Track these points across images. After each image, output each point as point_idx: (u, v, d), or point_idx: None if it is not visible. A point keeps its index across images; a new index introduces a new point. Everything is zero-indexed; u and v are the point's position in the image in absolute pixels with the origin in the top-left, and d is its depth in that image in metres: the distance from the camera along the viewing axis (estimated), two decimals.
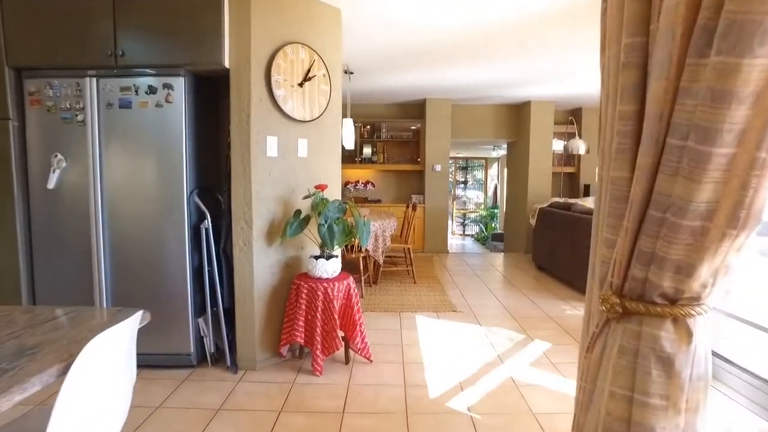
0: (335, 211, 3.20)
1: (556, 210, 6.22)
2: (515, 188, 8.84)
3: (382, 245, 5.37)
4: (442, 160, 8.06)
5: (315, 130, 3.46)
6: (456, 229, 16.88)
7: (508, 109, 8.56)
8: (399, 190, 8.78)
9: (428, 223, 8.12)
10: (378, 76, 6.22)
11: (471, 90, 7.16)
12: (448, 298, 5.18)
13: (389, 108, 8.59)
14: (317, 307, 3.12)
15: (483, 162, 16.95)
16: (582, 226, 5.22)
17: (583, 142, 7.27)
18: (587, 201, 7.65)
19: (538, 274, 6.47)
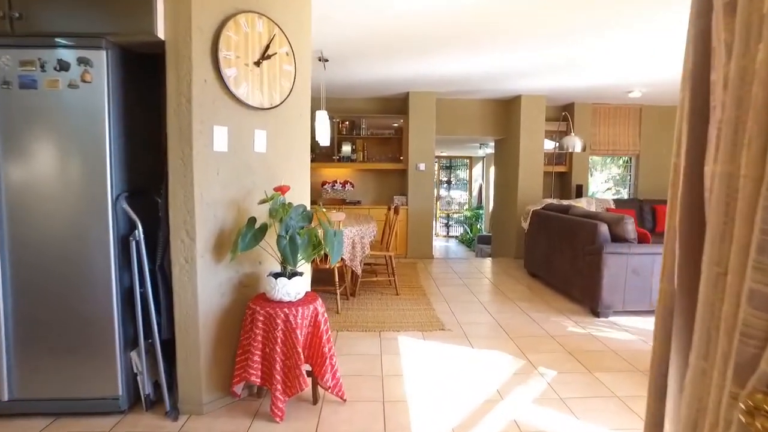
0: (299, 218, 2.60)
1: (551, 213, 5.70)
2: (504, 188, 8.32)
3: (360, 254, 4.78)
4: (426, 158, 7.50)
5: (276, 119, 2.86)
6: (440, 231, 16.37)
7: (497, 104, 8.04)
8: (380, 191, 8.19)
9: (412, 226, 7.55)
10: (356, 64, 5.62)
11: (457, 82, 6.61)
12: (435, 313, 4.60)
13: (370, 102, 8.00)
14: (276, 339, 2.52)
15: (467, 161, 16.46)
16: (585, 233, 4.70)
17: (579, 138, 6.77)
18: (581, 202, 7.16)
19: (531, 282, 5.94)
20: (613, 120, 8.22)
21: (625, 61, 5.30)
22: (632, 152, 8.35)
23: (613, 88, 6.73)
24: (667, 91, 6.92)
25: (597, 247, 4.42)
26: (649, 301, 4.45)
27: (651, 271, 4.40)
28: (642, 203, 7.55)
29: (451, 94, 7.53)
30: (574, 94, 7.35)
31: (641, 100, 7.64)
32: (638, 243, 4.51)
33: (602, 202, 7.42)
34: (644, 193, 8.39)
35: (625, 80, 6.21)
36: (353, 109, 7.96)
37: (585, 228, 4.69)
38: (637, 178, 8.45)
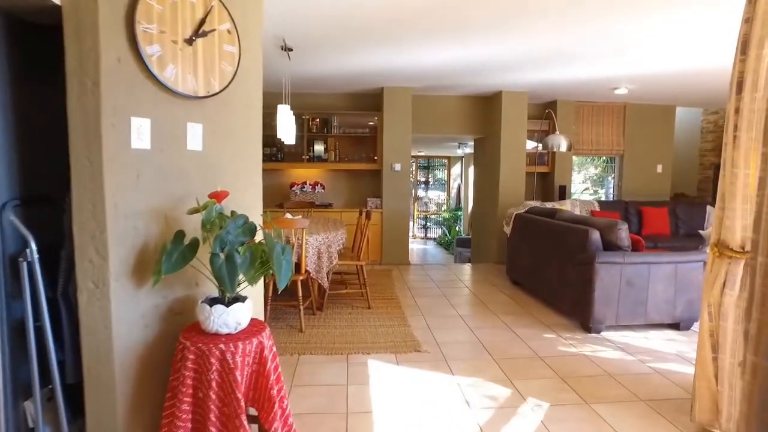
0: (238, 232, 2.10)
1: (536, 217, 5.29)
2: (484, 190, 7.92)
3: (327, 264, 4.29)
4: (402, 158, 7.04)
5: (217, 111, 2.36)
6: (417, 232, 15.95)
7: (477, 101, 7.62)
8: (353, 193, 7.71)
9: (387, 230, 7.09)
10: (325, 55, 5.13)
11: (434, 76, 6.17)
12: (410, 330, 4.14)
13: (342, 98, 7.51)
14: (210, 381, 2.02)
15: (446, 161, 16.08)
16: (574, 240, 4.29)
17: (564, 137, 6.39)
18: (565, 204, 6.79)
19: (515, 291, 5.53)
20: (597, 119, 7.89)
21: (613, 54, 4.92)
22: (616, 152, 8.03)
23: (599, 84, 6.37)
24: (654, 89, 6.60)
25: (588, 256, 4.01)
26: (643, 315, 4.07)
27: (646, 281, 4.02)
28: (627, 205, 7.22)
29: (428, 89, 7.09)
30: (557, 91, 6.98)
31: (626, 97, 7.32)
32: (632, 251, 4.13)
33: (586, 204, 7.06)
34: (628, 194, 8.08)
35: (612, 75, 5.85)
36: (324, 106, 7.46)
37: (575, 235, 4.28)
38: (621, 178, 8.13)
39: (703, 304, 2.41)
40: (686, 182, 9.42)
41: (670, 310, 4.09)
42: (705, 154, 9.43)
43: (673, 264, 4.05)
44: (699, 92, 6.87)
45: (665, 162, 8.15)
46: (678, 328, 4.17)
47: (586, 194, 12.08)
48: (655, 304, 4.06)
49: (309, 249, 4.15)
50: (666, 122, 8.10)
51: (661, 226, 7.04)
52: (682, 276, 4.07)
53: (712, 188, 9.25)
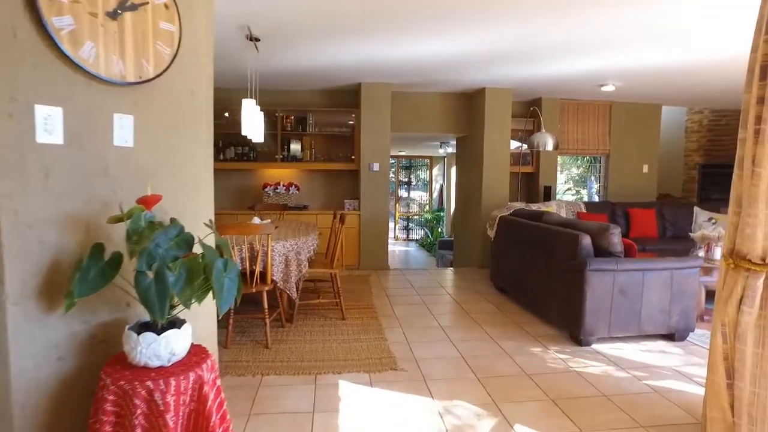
0: (170, 244, 1.74)
1: (522, 220, 4.99)
2: (467, 190, 7.62)
3: (295, 273, 3.93)
4: (380, 157, 6.70)
5: (152, 99, 1.99)
6: (399, 234, 15.64)
7: (459, 98, 7.32)
8: (330, 195, 7.34)
9: (365, 234, 6.74)
10: (296, 47, 4.76)
11: (414, 72, 5.84)
12: (387, 344, 3.80)
13: (318, 95, 7.14)
14: (134, 429, 1.66)
15: (428, 161, 15.79)
16: (563, 245, 3.99)
17: (550, 135, 6.11)
18: (550, 206, 6.52)
19: (500, 298, 5.22)
20: (582, 117, 7.64)
21: (602, 47, 4.65)
22: (602, 151, 7.79)
23: (586, 80, 6.11)
24: (641, 86, 6.36)
25: (578, 263, 3.72)
26: (637, 326, 3.78)
27: (640, 289, 3.74)
28: (614, 206, 6.98)
29: (407, 86, 6.76)
30: (542, 88, 6.71)
31: (613, 95, 7.08)
32: (624, 257, 3.85)
33: (572, 205, 6.81)
34: (614, 194, 7.85)
35: (600, 70, 5.58)
36: (300, 103, 7.08)
37: (564, 240, 3.99)
38: (607, 179, 7.90)
39: (715, 323, 2.11)
40: (671, 183, 9.25)
41: (665, 320, 3.82)
42: (689, 154, 9.27)
43: (669, 270, 3.78)
44: (685, 91, 6.66)
45: (651, 162, 7.94)
46: (673, 339, 3.90)
47: (569, 195, 11.89)
48: (650, 314, 3.78)
49: (275, 257, 3.78)
50: (652, 122, 7.89)
51: (649, 228, 6.81)
52: (677, 283, 3.80)
53: (697, 188, 9.10)
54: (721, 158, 8.84)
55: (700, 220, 7.02)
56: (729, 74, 5.61)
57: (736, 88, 6.50)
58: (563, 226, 4.23)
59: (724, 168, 9.13)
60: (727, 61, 5.00)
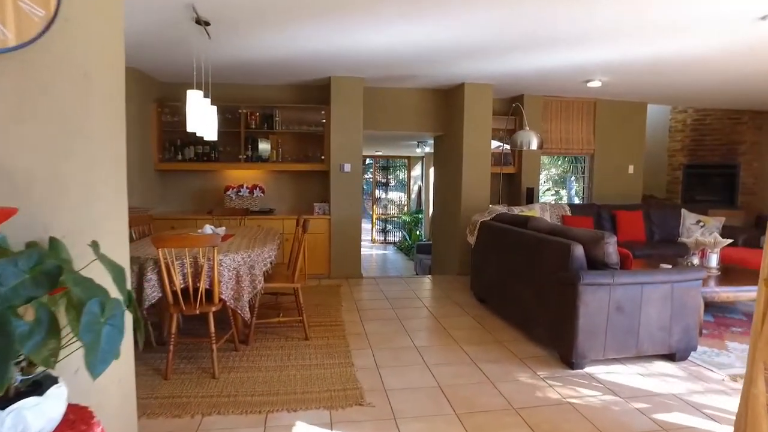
0: (23, 279, 1.23)
1: (505, 226, 4.55)
2: (445, 192, 7.18)
3: (249, 290, 3.42)
4: (352, 157, 6.21)
5: (18, 78, 1.48)
6: (377, 236, 15.17)
7: (437, 95, 6.87)
8: (299, 197, 6.83)
9: (336, 240, 6.24)
10: (256, 33, 4.25)
11: (387, 64, 5.37)
12: (353, 371, 3.32)
13: (285, 91, 6.63)
14: None
15: (406, 161, 15.36)
16: (553, 256, 3.57)
17: (534, 133, 5.69)
18: (534, 209, 6.12)
19: (481, 311, 4.78)
20: (566, 115, 7.27)
21: (589, 39, 4.24)
22: (586, 151, 7.43)
23: (571, 75, 5.72)
24: (628, 82, 6.00)
25: (570, 277, 3.29)
26: (635, 346, 3.37)
27: (638, 305, 3.33)
28: (600, 209, 6.61)
29: (381, 80, 6.29)
30: (525, 84, 6.30)
31: (598, 92, 6.72)
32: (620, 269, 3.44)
33: (557, 208, 6.42)
34: (598, 196, 7.50)
35: (586, 63, 5.19)
36: (265, 99, 6.55)
37: (554, 249, 3.56)
38: (592, 180, 7.55)
39: (755, 365, 1.68)
40: (655, 183, 8.96)
41: (665, 338, 3.42)
42: (674, 154, 9.00)
43: (669, 284, 3.38)
44: (671, 88, 6.33)
45: (637, 162, 7.62)
46: (673, 359, 3.50)
47: (548, 195, 11.57)
48: (649, 333, 3.37)
49: (224, 272, 3.27)
50: (637, 120, 7.56)
51: (636, 231, 6.46)
52: (678, 297, 3.40)
53: (681, 189, 8.83)
54: (705, 158, 8.59)
55: (688, 223, 6.70)
56: (715, 72, 5.28)
57: (720, 87, 6.19)
58: (552, 233, 3.80)
59: (708, 168, 8.90)
60: (715, 57, 4.65)
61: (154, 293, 3.17)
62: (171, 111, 6.28)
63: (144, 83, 5.86)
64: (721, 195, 8.58)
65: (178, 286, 3.13)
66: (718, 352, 3.68)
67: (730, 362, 3.48)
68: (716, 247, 4.59)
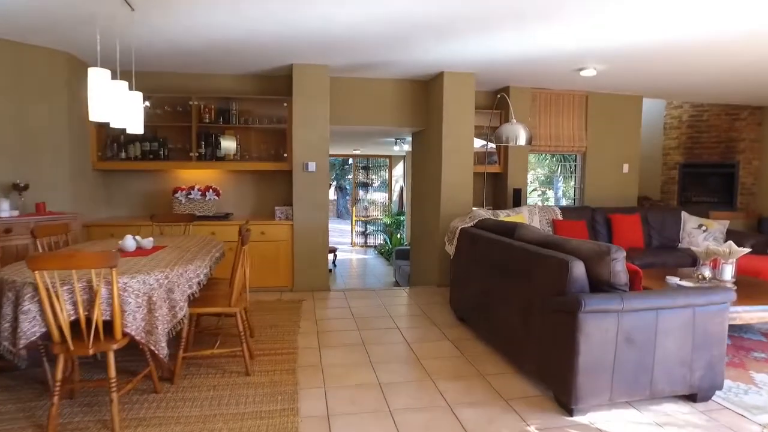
0: None
1: (489, 235, 3.88)
2: (423, 194, 6.50)
3: (167, 320, 2.70)
4: (317, 155, 5.51)
5: None
6: (357, 239, 14.47)
7: (414, 86, 6.20)
8: (260, 200, 6.11)
9: (299, 248, 5.53)
10: (202, 12, 3.53)
11: (353, 48, 4.68)
12: (297, 423, 2.62)
13: (245, 81, 5.91)
14: None
15: (387, 160, 14.69)
16: (547, 274, 2.90)
17: (522, 127, 5.03)
18: (521, 212, 5.48)
19: (461, 333, 4.12)
20: (556, 109, 6.64)
21: (584, 14, 3.60)
22: (578, 149, 6.81)
23: (562, 62, 5.08)
24: (624, 70, 5.38)
25: (569, 302, 2.62)
26: (648, 386, 2.72)
27: (653, 336, 2.68)
28: (594, 212, 5.99)
29: (350, 69, 5.60)
30: (511, 72, 5.65)
31: (591, 83, 6.10)
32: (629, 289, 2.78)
33: (546, 211, 5.78)
34: (591, 197, 6.89)
35: (580, 49, 4.55)
36: (221, 89, 5.83)
37: (548, 267, 2.89)
38: (584, 180, 6.93)
39: None
40: (648, 184, 8.39)
41: (685, 375, 2.77)
42: (669, 153, 8.42)
43: (690, 308, 2.73)
44: (668, 79, 5.73)
45: (632, 161, 7.01)
46: (695, 400, 2.86)
47: (535, 195, 10.95)
48: (666, 369, 2.73)
49: (129, 298, 2.56)
50: (632, 116, 6.96)
51: (634, 237, 5.85)
52: (702, 325, 2.76)
53: (677, 190, 8.26)
54: (702, 156, 8.02)
55: (689, 228, 6.11)
56: (717, 63, 4.68)
57: (720, 79, 5.61)
58: (545, 245, 3.13)
59: (706, 167, 8.33)
60: (721, 43, 4.04)
61: (34, 328, 2.45)
62: None
63: (79, 70, 5.09)
64: (719, 196, 8.03)
65: (64, 320, 2.41)
66: (746, 388, 3.05)
67: (764, 404, 2.84)
68: (732, 257, 3.97)
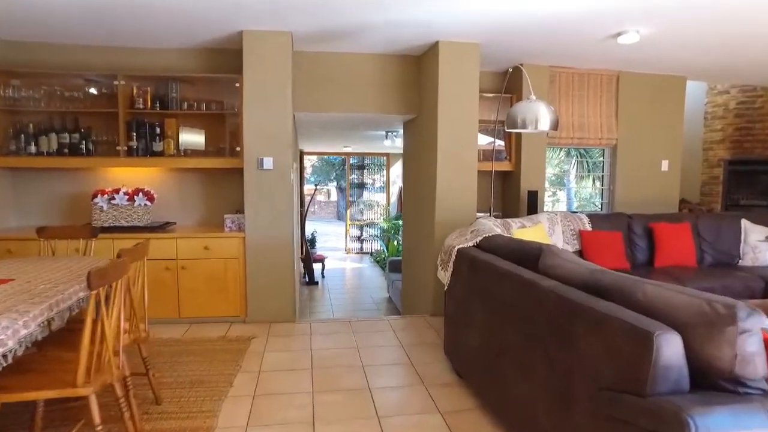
0: None
1: (500, 264, 2.61)
2: (416, 200, 5.27)
3: None
4: (276, 149, 4.29)
5: None
6: (351, 245, 13.26)
7: (403, 62, 4.96)
8: (210, 206, 4.89)
9: (254, 268, 4.31)
10: None
11: (325, 3, 3.46)
12: None
13: (188, 56, 4.70)
14: None
15: (384, 159, 13.47)
16: (610, 346, 1.65)
17: (545, 105, 3.76)
18: (540, 222, 4.25)
19: (457, 397, 2.89)
20: (579, 93, 5.40)
21: None
22: (606, 142, 5.55)
23: (593, 25, 3.84)
24: (674, 35, 4.13)
25: (659, 415, 1.38)
26: None
27: None
28: (631, 220, 4.72)
29: (319, 39, 4.39)
30: (524, 45, 4.42)
31: (625, 59, 4.84)
32: None
33: (571, 220, 4.52)
34: (622, 202, 5.63)
35: (620, 4, 3.31)
36: (157, 67, 4.63)
37: (606, 335, 1.64)
38: (614, 181, 5.66)
39: None
40: (685, 183, 7.09)
41: None
42: (711, 147, 7.13)
43: None
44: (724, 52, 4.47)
45: (673, 157, 5.74)
46: None
47: (545, 198, 9.63)
48: None
49: None
50: (674, 101, 5.69)
51: (683, 252, 4.57)
52: None
53: (722, 191, 6.96)
54: (754, 152, 6.72)
55: (753, 240, 4.82)
56: None
57: None
58: (596, 288, 1.88)
59: (759, 165, 7.01)
60: None
61: None
62: (21, 82, 4.36)
63: None
64: None
65: None
66: None
67: None
68: None
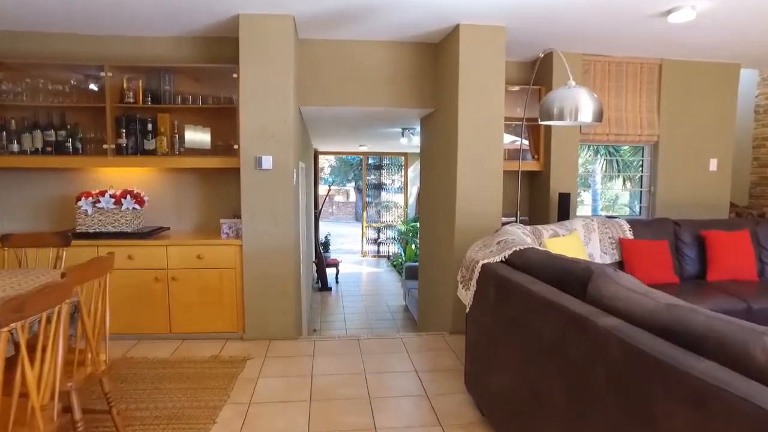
0: None
1: (536, 289, 2.10)
2: (434, 203, 4.77)
3: None
4: (277, 146, 3.84)
5: None
6: (368, 248, 12.80)
7: (420, 51, 4.47)
8: (207, 210, 4.47)
9: (252, 279, 3.87)
10: None
11: None
12: None
13: (183, 45, 4.28)
14: None
15: (402, 158, 12.97)
16: (710, 423, 1.14)
17: (588, 92, 3.22)
18: (575, 228, 3.72)
19: None
20: (617, 84, 4.83)
21: None
22: (647, 138, 4.97)
23: (640, 3, 3.29)
24: (738, 9, 3.56)
25: None
26: None
27: None
28: (678, 227, 4.15)
29: (325, 24, 3.93)
30: (556, 30, 3.89)
31: (669, 46, 4.27)
32: None
33: (609, 227, 3.98)
34: (663, 205, 5.04)
35: None
36: (150, 57, 4.22)
37: (720, 422, 1.13)
38: (655, 182, 5.08)
39: None
40: (734, 185, 6.43)
41: None
42: (762, 144, 6.44)
43: None
44: None
45: (723, 156, 5.13)
46: None
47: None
48: None
49: None
50: (724, 93, 5.08)
51: (742, 264, 3.98)
52: None
53: None
54: None
55: None
56: None
57: None
58: (677, 335, 1.36)
59: None
60: None
61: None
62: (1, 75, 4.01)
63: None
64: None
65: None
66: None
67: None
68: None
